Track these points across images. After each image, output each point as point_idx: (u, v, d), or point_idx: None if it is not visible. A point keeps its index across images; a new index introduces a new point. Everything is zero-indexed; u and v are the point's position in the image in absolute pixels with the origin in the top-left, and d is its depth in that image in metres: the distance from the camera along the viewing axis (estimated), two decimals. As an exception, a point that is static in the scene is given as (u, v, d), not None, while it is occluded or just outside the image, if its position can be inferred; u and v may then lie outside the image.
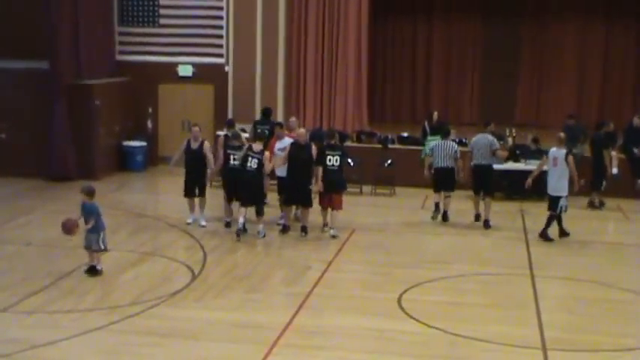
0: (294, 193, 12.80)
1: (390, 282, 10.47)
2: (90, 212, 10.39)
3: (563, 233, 13.00)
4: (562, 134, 13.39)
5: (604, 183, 15.47)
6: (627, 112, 19.32)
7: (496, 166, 15.32)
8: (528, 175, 13.66)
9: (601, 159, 15.42)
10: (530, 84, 21.94)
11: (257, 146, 12.62)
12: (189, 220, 13.30)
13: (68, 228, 10.16)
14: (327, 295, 9.90)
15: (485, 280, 10.80)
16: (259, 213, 12.65)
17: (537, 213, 14.75)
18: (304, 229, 12.86)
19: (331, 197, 12.88)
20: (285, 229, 12.93)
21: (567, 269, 11.39)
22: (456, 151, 13.80)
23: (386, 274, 10.88)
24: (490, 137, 13.91)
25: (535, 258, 11.82)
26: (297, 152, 12.70)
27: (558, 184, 12.75)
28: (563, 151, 12.84)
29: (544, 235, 12.90)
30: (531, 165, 15.84)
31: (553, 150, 13.01)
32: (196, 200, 13.33)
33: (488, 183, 13.91)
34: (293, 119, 14.76)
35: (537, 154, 16.14)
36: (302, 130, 13.28)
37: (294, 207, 13.25)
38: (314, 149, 12.75)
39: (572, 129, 16.43)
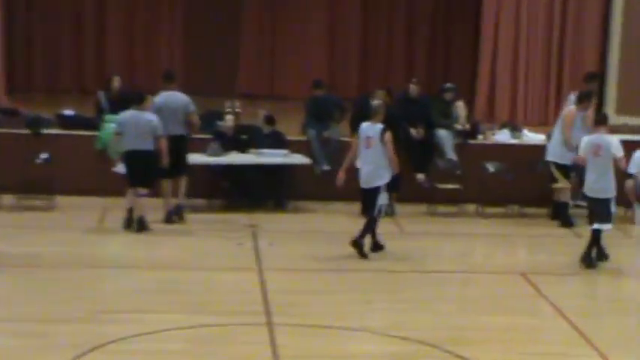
0: None
1: (50, 348, 10.17)
2: None
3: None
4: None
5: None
6: (398, 77, 20.83)
7: (212, 160, 16.03)
8: (261, 170, 14.56)
9: None
10: (258, 41, 23.03)
11: None
12: None
13: None
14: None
15: (199, 335, 10.84)
16: None
17: (271, 229, 15.27)
18: None
19: None
20: None
21: (312, 314, 11.50)
22: (154, 127, 14.65)
23: (42, 335, 10.57)
24: (185, 96, 15.35)
25: (273, 297, 12.01)
26: None
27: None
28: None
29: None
30: (265, 156, 16.24)
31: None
32: None
33: (182, 158, 15.37)
34: None
35: (273, 138, 16.54)
36: None
37: None
38: None
39: (320, 102, 17.10)
